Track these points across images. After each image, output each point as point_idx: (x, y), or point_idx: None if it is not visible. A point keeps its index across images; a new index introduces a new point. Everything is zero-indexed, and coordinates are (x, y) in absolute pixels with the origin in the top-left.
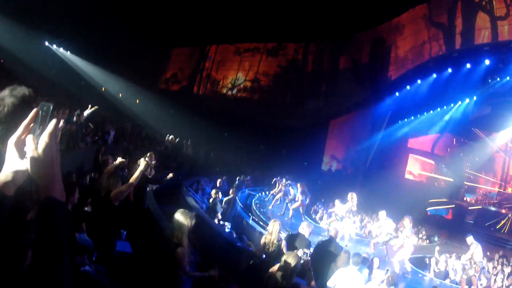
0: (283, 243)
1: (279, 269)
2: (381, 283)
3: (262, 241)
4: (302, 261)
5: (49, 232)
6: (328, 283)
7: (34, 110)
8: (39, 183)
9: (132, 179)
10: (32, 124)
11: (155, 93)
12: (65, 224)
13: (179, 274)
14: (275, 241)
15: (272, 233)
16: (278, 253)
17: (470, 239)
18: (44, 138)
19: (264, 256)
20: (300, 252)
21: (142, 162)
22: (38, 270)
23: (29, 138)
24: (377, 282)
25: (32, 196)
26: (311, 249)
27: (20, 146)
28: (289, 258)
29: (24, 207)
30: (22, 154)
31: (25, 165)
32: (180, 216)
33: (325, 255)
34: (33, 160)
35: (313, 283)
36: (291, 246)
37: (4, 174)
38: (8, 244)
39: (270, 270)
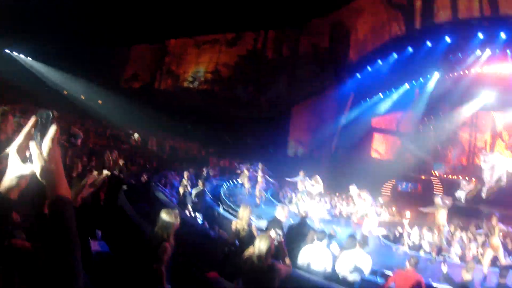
0: (254, 227)
1: (253, 252)
2: (354, 248)
3: (233, 227)
4: (276, 242)
5: (61, 228)
6: (298, 261)
7: (34, 118)
8: (47, 185)
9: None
10: (32, 131)
11: (117, 92)
12: (74, 220)
13: (161, 269)
14: (245, 226)
15: (242, 219)
16: (250, 237)
17: (437, 199)
18: (47, 143)
19: (237, 242)
20: (272, 233)
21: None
22: (53, 265)
23: (33, 145)
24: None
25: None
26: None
27: (22, 152)
28: (262, 240)
29: None
30: (24, 160)
31: (28, 169)
32: (165, 216)
33: (297, 236)
34: (40, 164)
35: (287, 260)
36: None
37: (8, 179)
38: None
39: (245, 254)
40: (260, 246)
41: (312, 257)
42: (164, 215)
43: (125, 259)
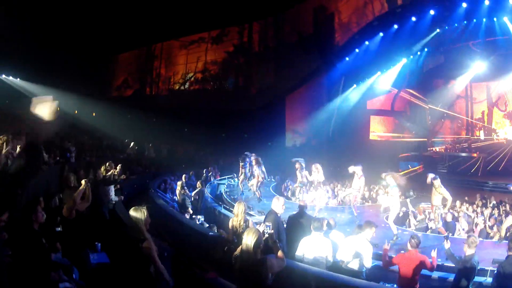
0: (250, 222)
1: (242, 247)
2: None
3: (230, 224)
4: (266, 235)
5: None
6: (296, 253)
7: None
8: None
9: (75, 195)
10: None
11: (110, 101)
12: None
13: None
14: (242, 222)
15: (238, 215)
16: None
17: (429, 176)
18: None
19: (235, 239)
20: (261, 227)
21: (82, 182)
22: None
23: None
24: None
25: None
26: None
27: None
28: (249, 235)
29: None
30: None
31: None
32: (133, 213)
33: (297, 227)
34: None
35: (280, 254)
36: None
37: None
38: None
39: (237, 251)
40: (247, 241)
41: (309, 248)
42: (132, 213)
43: (122, 267)
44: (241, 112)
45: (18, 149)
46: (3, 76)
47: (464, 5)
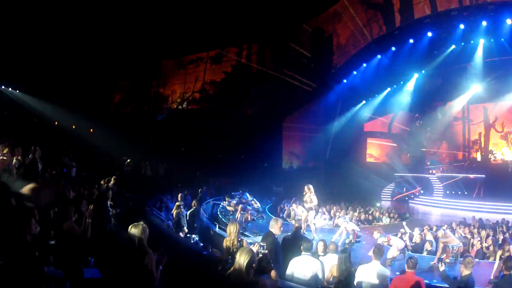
0: (245, 242)
1: (234, 267)
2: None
3: (224, 244)
4: (260, 255)
5: None
6: (286, 273)
7: None
8: None
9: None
10: None
11: (107, 118)
12: None
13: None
14: (235, 242)
15: (231, 234)
16: None
17: (440, 232)
18: None
19: (230, 259)
20: (255, 247)
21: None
22: None
23: None
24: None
25: None
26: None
27: None
28: (242, 255)
29: None
30: None
31: None
32: (133, 230)
33: (291, 248)
34: None
35: (273, 274)
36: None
37: None
38: None
39: (229, 270)
40: (240, 260)
41: (299, 268)
42: (132, 230)
43: (116, 282)
44: (237, 133)
45: (15, 160)
46: (3, 87)
47: (462, 26)
